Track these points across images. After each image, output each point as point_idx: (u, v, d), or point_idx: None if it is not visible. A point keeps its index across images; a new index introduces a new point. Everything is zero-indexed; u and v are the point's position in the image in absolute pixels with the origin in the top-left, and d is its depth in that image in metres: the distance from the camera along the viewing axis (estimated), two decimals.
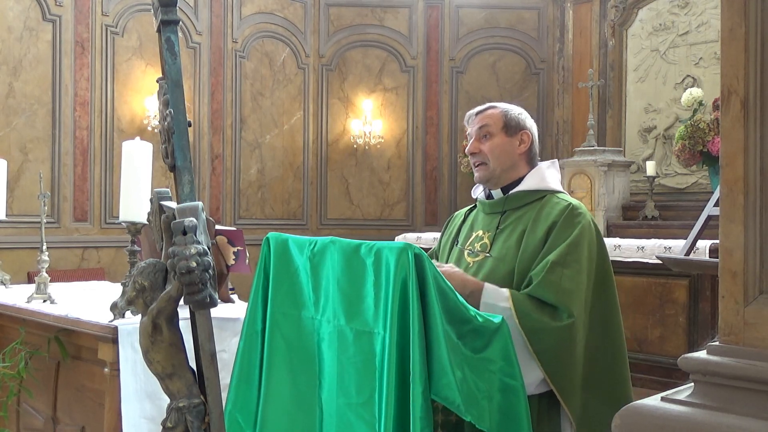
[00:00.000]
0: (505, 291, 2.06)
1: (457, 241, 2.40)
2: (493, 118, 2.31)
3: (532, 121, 2.38)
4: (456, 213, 2.58)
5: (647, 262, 5.34)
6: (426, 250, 2.01)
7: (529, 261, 2.13)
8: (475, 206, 2.47)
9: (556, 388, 2.01)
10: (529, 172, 2.31)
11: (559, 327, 2.01)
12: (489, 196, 2.38)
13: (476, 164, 2.32)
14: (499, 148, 2.28)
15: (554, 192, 2.27)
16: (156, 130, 6.18)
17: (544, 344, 2.00)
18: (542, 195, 2.26)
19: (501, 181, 2.31)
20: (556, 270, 2.05)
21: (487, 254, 2.24)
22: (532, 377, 1.99)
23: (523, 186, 2.28)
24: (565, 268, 2.06)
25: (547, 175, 2.30)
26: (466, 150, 2.37)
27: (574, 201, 2.23)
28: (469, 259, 2.29)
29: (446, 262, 2.39)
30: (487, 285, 2.08)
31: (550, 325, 2.01)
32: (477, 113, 2.35)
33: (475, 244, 2.30)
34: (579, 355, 2.04)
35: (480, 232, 2.32)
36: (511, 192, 2.29)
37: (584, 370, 2.06)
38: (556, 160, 2.44)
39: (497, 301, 2.03)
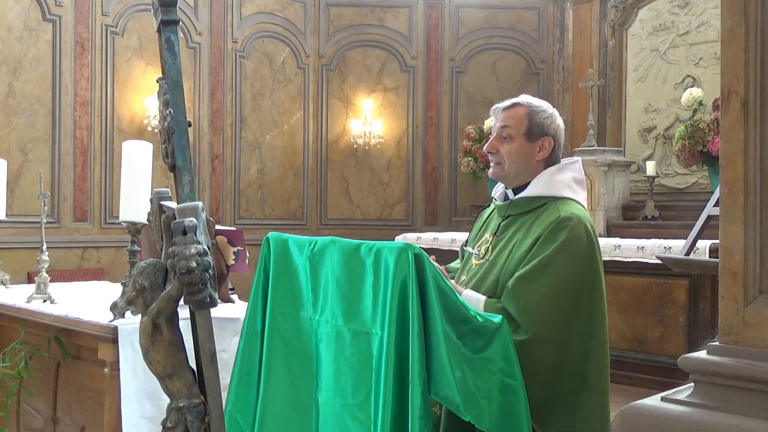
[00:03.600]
0: (482, 300, 2.06)
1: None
2: (517, 119, 2.21)
3: (560, 121, 2.26)
4: (485, 208, 2.50)
5: (647, 262, 5.34)
6: (426, 250, 2.01)
7: (511, 272, 2.09)
8: None
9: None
10: None
11: (516, 341, 1.94)
12: (506, 197, 2.33)
13: (493, 162, 2.26)
14: (517, 153, 2.20)
15: (558, 198, 2.17)
16: (156, 130, 6.18)
17: None
18: (544, 202, 2.17)
19: (513, 183, 2.26)
20: (523, 285, 2.01)
21: (486, 259, 2.23)
22: None
23: (527, 192, 2.21)
24: (534, 283, 2.01)
25: (553, 180, 2.20)
26: (484, 148, 2.29)
27: (568, 212, 2.11)
28: (474, 261, 2.29)
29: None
30: (465, 292, 2.08)
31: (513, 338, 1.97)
32: (503, 109, 2.25)
33: (482, 247, 2.28)
34: (542, 371, 1.98)
35: (487, 235, 2.30)
36: (514, 198, 2.24)
37: (554, 384, 2.01)
38: (577, 159, 2.28)
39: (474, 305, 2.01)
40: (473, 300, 2.05)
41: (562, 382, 2.03)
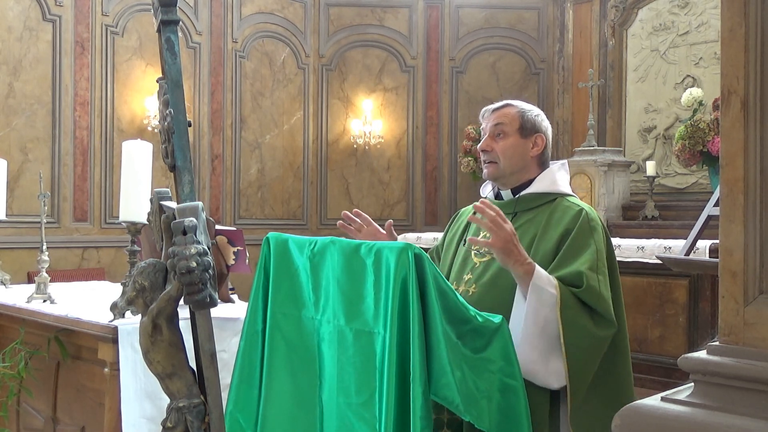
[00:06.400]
0: (552, 278, 2.03)
1: (464, 241, 2.38)
2: (510, 117, 2.27)
3: (548, 123, 2.36)
4: (462, 210, 2.54)
5: (647, 262, 5.34)
6: (426, 250, 2.01)
7: (539, 264, 2.10)
8: None
9: (571, 385, 1.99)
10: (539, 174, 2.29)
11: (600, 336, 2.02)
12: (497, 196, 2.35)
13: (486, 161, 2.30)
14: (512, 149, 2.26)
15: (564, 195, 2.26)
16: (156, 130, 6.18)
17: (578, 342, 1.99)
18: (552, 198, 2.24)
19: (510, 182, 2.29)
20: (594, 276, 2.04)
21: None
22: (553, 367, 1.99)
23: (533, 188, 2.26)
24: (599, 275, 2.06)
25: (557, 177, 2.29)
26: (478, 146, 2.34)
27: (585, 206, 2.22)
28: (476, 260, 2.27)
29: (451, 261, 2.38)
30: (538, 268, 2.03)
31: (592, 330, 2.01)
32: (494, 110, 2.31)
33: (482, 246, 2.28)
34: (604, 357, 2.06)
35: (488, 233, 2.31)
36: (522, 193, 2.27)
37: (607, 368, 2.08)
38: (566, 161, 2.40)
39: (546, 285, 2.00)
40: (544, 278, 2.01)
41: (614, 366, 2.12)
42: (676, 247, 4.97)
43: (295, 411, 2.01)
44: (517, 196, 2.29)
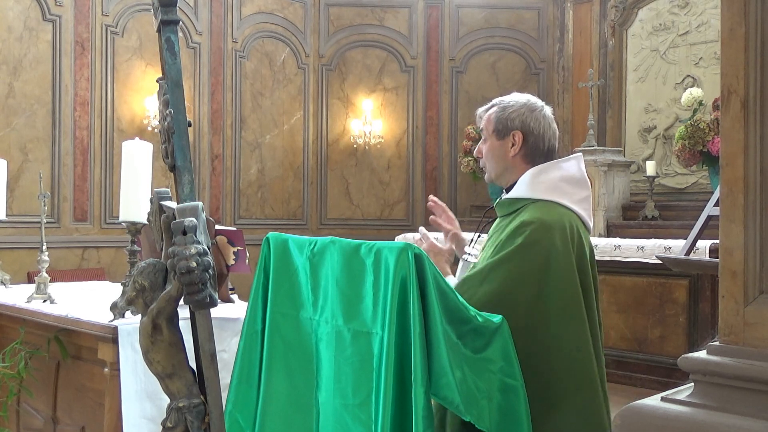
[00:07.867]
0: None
1: (470, 242, 2.45)
2: (488, 120, 2.24)
3: (535, 115, 2.18)
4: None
5: (647, 262, 5.34)
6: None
7: None
8: None
9: None
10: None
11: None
12: None
13: (482, 166, 2.33)
14: (491, 153, 2.23)
15: (537, 201, 2.12)
16: (156, 130, 6.18)
17: None
18: (524, 204, 2.14)
19: (502, 183, 2.27)
20: (463, 287, 2.01)
21: (475, 261, 2.28)
22: None
23: (511, 193, 2.20)
24: (472, 288, 2.00)
25: (535, 181, 2.14)
26: (474, 153, 2.36)
27: (534, 216, 2.05)
28: (471, 261, 2.34)
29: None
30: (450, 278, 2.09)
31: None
32: (482, 112, 2.30)
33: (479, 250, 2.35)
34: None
35: (484, 238, 2.36)
36: (497, 201, 2.27)
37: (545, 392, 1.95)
38: (573, 157, 2.23)
39: None
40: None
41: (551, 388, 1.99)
42: (676, 247, 4.98)
43: (292, 411, 2.01)
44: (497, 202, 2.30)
